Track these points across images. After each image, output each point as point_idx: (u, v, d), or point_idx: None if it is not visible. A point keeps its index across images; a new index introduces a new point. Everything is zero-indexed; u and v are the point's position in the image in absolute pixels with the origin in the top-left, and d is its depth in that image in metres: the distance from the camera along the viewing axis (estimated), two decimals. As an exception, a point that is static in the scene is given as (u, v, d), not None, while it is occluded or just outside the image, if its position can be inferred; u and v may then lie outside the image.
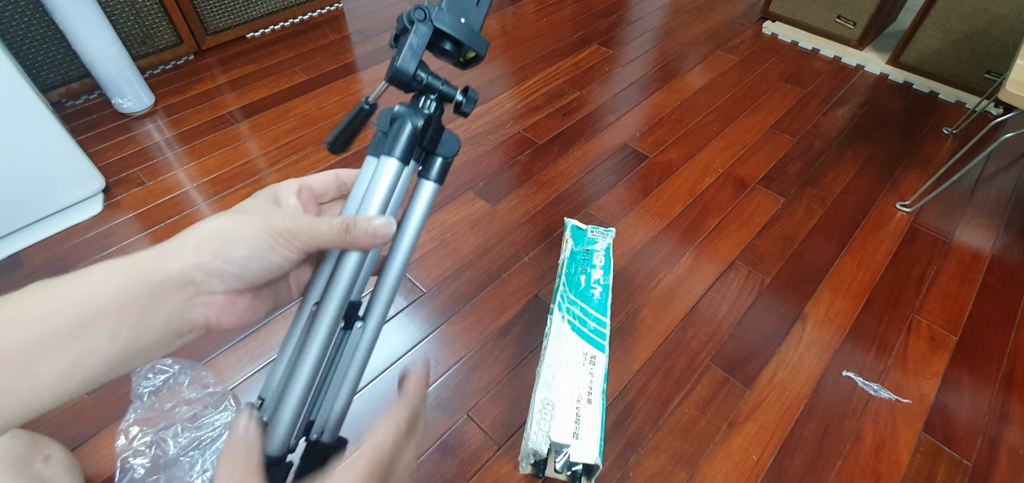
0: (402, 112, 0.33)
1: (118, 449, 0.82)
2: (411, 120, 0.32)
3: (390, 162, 0.31)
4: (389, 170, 0.31)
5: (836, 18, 1.88)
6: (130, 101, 1.51)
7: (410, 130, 0.32)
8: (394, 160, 0.31)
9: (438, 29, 0.32)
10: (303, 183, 0.32)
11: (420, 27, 0.32)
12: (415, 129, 0.32)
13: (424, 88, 0.34)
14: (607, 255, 1.03)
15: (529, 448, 0.76)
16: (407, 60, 0.32)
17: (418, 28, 0.32)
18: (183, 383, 0.90)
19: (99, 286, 0.24)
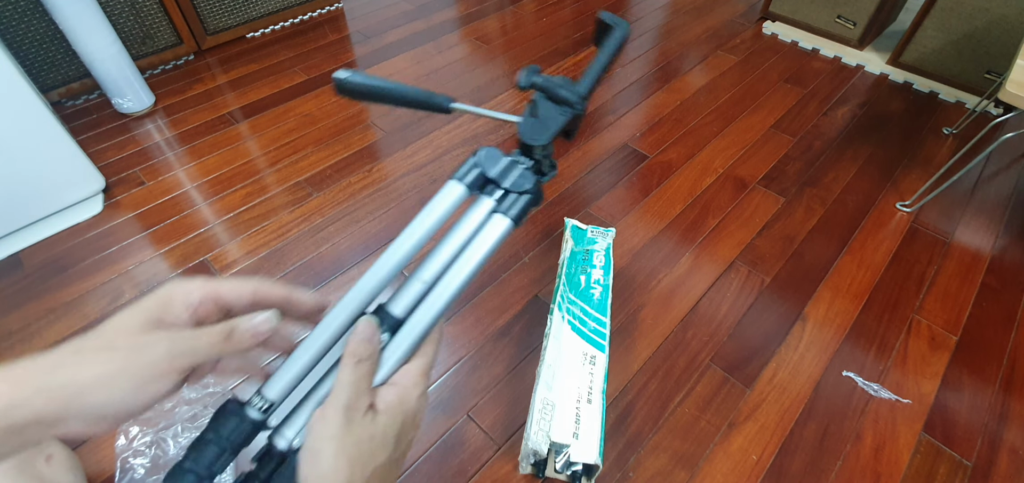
0: (522, 174, 0.34)
1: (118, 449, 0.82)
2: (531, 184, 0.34)
3: (504, 222, 0.32)
4: (500, 227, 0.32)
5: (836, 18, 1.88)
6: (130, 101, 1.51)
7: (530, 201, 0.33)
8: (507, 220, 0.32)
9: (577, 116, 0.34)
10: (209, 293, 0.28)
11: (570, 114, 0.34)
12: (531, 199, 0.34)
13: (540, 156, 0.35)
14: (607, 255, 1.03)
15: (529, 448, 0.76)
16: (545, 135, 0.34)
17: (566, 112, 0.34)
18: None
19: None
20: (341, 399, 0.27)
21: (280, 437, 0.30)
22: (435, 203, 0.33)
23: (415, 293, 0.31)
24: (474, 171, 0.34)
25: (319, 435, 0.27)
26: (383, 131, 1.50)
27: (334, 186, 1.33)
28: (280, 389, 0.29)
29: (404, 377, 0.30)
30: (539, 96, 0.34)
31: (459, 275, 0.31)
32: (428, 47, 1.86)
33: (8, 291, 1.09)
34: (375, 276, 0.31)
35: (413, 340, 0.30)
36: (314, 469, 0.26)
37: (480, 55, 1.84)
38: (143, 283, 1.11)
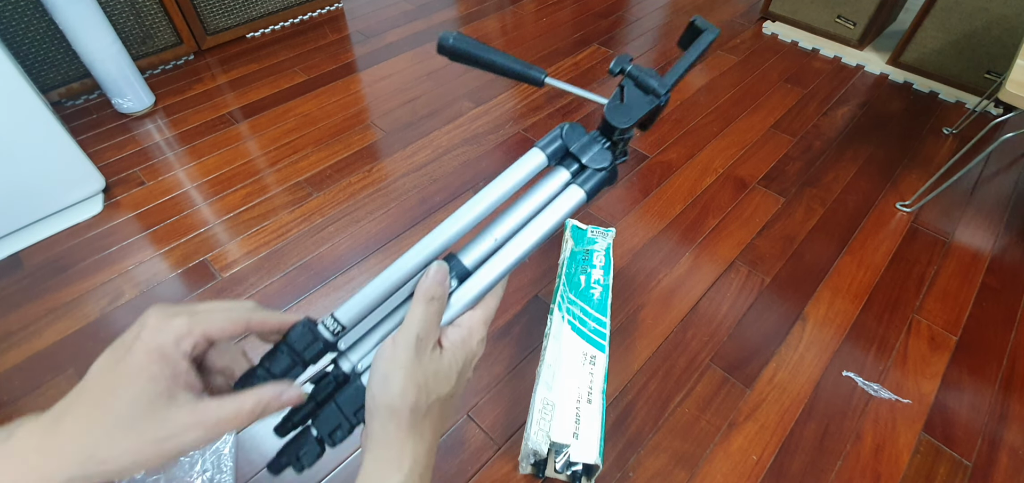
0: (596, 152, 0.36)
1: None
2: (608, 162, 0.35)
3: (578, 193, 0.34)
4: (574, 198, 0.34)
5: (836, 18, 1.88)
6: (130, 101, 1.51)
7: (605, 178, 0.35)
8: (581, 192, 0.34)
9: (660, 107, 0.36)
10: (199, 336, 0.26)
11: (654, 104, 0.35)
12: (606, 176, 0.35)
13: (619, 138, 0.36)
14: (607, 255, 1.03)
15: (529, 448, 0.76)
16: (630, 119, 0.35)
17: (652, 101, 0.35)
18: None
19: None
20: (413, 331, 0.29)
21: (345, 360, 0.32)
22: (517, 167, 0.34)
23: (486, 248, 0.33)
24: (556, 143, 0.35)
25: (391, 360, 0.29)
26: (383, 131, 1.50)
27: (334, 186, 1.33)
28: (352, 315, 0.31)
29: (468, 320, 0.33)
30: (627, 82, 0.36)
31: (529, 238, 0.33)
32: (428, 47, 1.86)
33: (8, 291, 1.09)
34: (452, 227, 0.33)
35: (479, 291, 0.33)
36: (384, 392, 0.29)
37: (480, 55, 1.84)
38: (143, 283, 1.11)
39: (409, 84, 1.68)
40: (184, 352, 0.25)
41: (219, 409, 0.26)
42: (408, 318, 0.30)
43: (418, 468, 0.30)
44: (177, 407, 0.24)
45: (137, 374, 0.24)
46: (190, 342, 0.26)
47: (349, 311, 0.31)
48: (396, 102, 1.61)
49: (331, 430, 0.31)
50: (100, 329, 1.02)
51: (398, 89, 1.66)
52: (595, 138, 0.36)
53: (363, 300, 0.32)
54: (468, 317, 0.33)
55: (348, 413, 0.31)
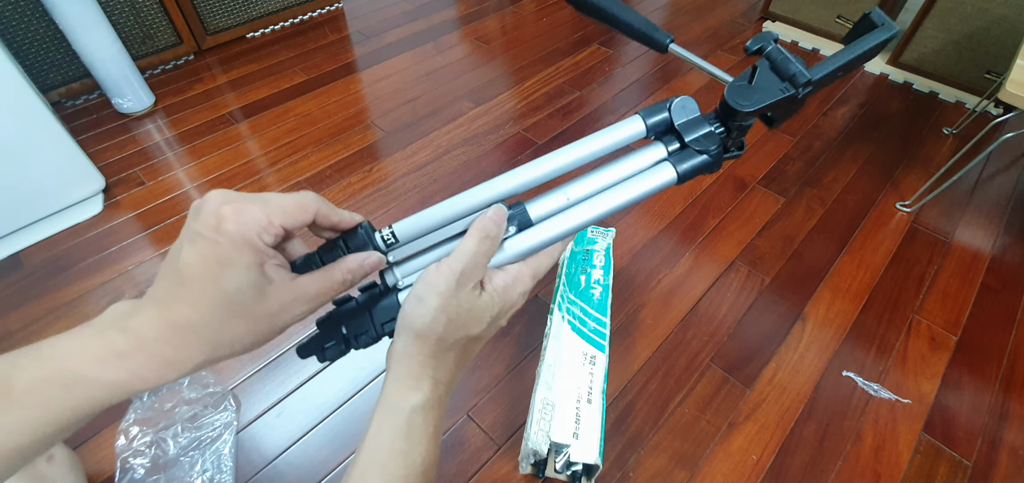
0: (708, 131, 0.32)
1: (118, 449, 0.82)
2: (714, 148, 0.32)
3: (670, 172, 0.31)
4: (665, 176, 0.32)
5: (836, 18, 1.88)
6: (130, 101, 1.51)
7: (705, 163, 0.32)
8: (673, 172, 0.31)
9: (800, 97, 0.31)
10: (276, 222, 0.26)
11: (789, 92, 0.30)
12: (707, 161, 0.32)
13: (737, 126, 0.33)
14: (607, 255, 1.03)
15: (529, 448, 0.76)
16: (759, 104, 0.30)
17: (787, 89, 0.30)
18: (183, 383, 0.90)
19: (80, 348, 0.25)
20: (459, 263, 0.29)
21: (390, 273, 0.33)
22: (611, 130, 0.32)
23: (555, 204, 0.32)
24: (661, 114, 0.33)
25: (430, 285, 0.29)
26: (383, 131, 1.50)
27: (334, 186, 1.33)
28: (408, 231, 0.31)
29: (516, 269, 0.32)
30: (763, 64, 0.31)
31: (601, 206, 0.31)
32: (428, 47, 1.86)
33: (8, 291, 1.09)
34: (527, 173, 0.32)
35: (536, 244, 0.32)
36: (416, 312, 0.29)
37: (480, 55, 1.84)
38: (143, 283, 1.11)
39: (409, 84, 1.68)
40: (267, 242, 0.26)
41: (314, 282, 0.28)
42: (458, 249, 0.30)
43: (437, 393, 0.31)
44: (277, 286, 0.26)
45: (233, 262, 0.24)
46: (271, 233, 0.26)
47: (406, 227, 0.32)
48: (396, 102, 1.61)
49: (358, 333, 0.32)
50: (100, 329, 1.02)
51: (398, 89, 1.66)
52: (707, 119, 0.32)
53: (422, 220, 0.32)
54: (517, 267, 0.32)
55: (377, 323, 0.32)
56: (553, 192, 0.32)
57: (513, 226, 0.32)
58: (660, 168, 0.32)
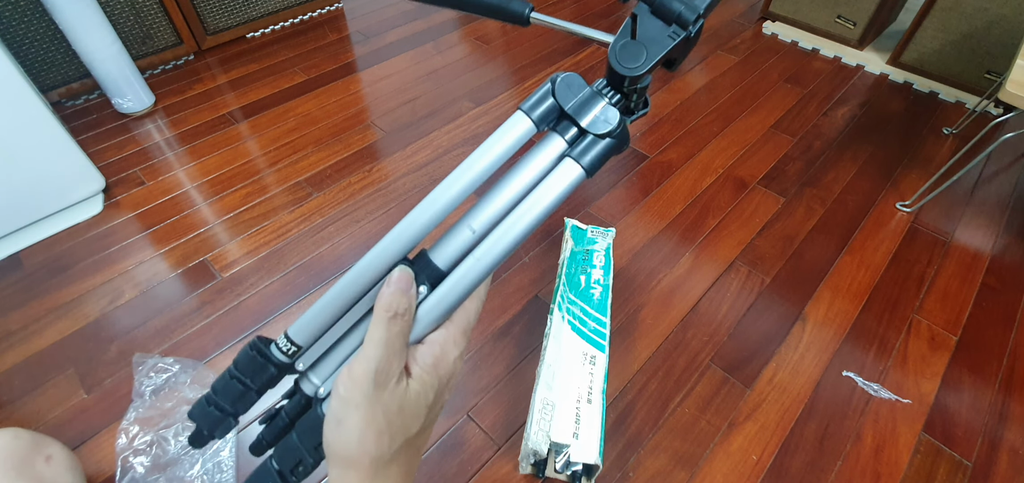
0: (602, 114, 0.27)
1: (118, 448, 0.82)
2: (615, 125, 0.27)
3: (576, 169, 0.27)
4: (571, 176, 0.27)
5: (836, 18, 1.88)
6: (130, 101, 1.51)
7: (611, 147, 0.27)
8: (579, 169, 0.27)
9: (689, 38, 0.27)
10: None
11: (681, 36, 0.26)
12: (612, 144, 0.27)
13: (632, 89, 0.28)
14: (607, 255, 1.03)
15: (529, 448, 0.76)
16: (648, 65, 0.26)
17: (677, 33, 0.26)
18: (184, 382, 0.90)
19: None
20: (372, 360, 0.24)
21: (307, 382, 0.28)
22: (496, 138, 0.27)
23: (462, 242, 0.27)
24: (546, 102, 0.27)
25: (345, 400, 0.24)
26: (383, 131, 1.50)
27: (334, 186, 1.33)
28: (308, 334, 0.27)
29: (442, 336, 0.27)
30: (641, 10, 0.27)
31: (514, 228, 0.26)
32: (428, 47, 1.86)
33: (8, 291, 1.09)
34: (418, 219, 0.27)
35: (456, 297, 0.27)
36: (339, 438, 0.25)
37: (480, 55, 1.84)
38: (143, 283, 1.11)
39: (409, 84, 1.68)
40: None
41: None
42: (366, 343, 0.25)
43: None
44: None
45: None
46: None
47: (304, 329, 0.27)
48: (396, 102, 1.61)
49: (292, 466, 0.27)
50: (100, 329, 1.02)
51: (398, 89, 1.66)
52: (598, 92, 0.28)
53: (318, 315, 0.27)
54: (442, 332, 0.27)
55: (308, 447, 0.27)
56: (456, 229, 0.28)
57: (423, 285, 0.27)
58: (563, 166, 0.27)
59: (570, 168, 0.27)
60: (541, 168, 0.27)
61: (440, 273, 0.27)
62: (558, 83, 0.28)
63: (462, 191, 0.27)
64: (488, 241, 0.27)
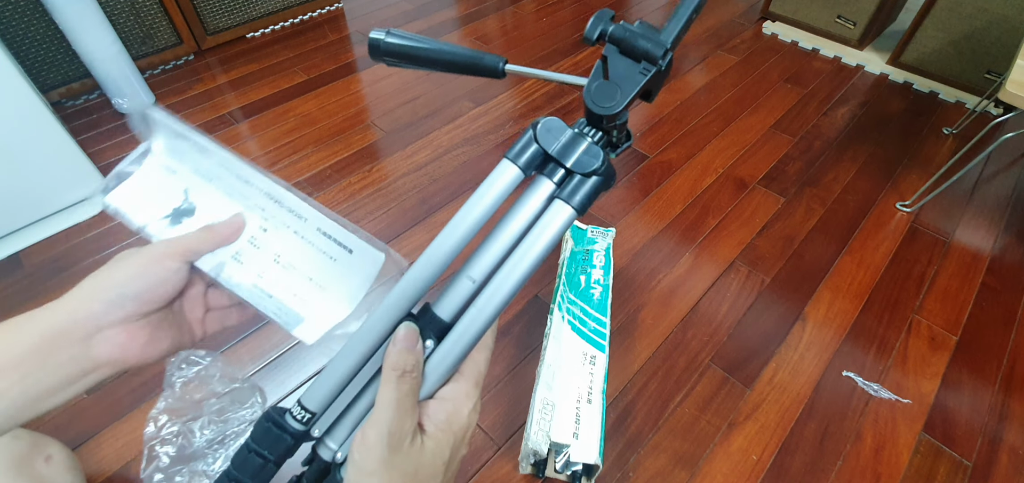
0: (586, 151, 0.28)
1: (146, 436, 0.83)
2: (599, 163, 0.28)
3: (566, 210, 0.27)
4: (562, 217, 0.27)
5: (836, 18, 1.88)
6: (130, 101, 1.51)
7: (598, 185, 0.28)
8: (569, 209, 0.27)
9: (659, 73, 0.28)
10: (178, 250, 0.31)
11: (652, 72, 0.27)
12: (599, 182, 0.28)
13: (611, 126, 0.29)
14: (607, 255, 1.03)
15: (529, 448, 0.76)
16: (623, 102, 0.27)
17: (647, 70, 0.27)
18: (214, 376, 0.90)
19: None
20: (384, 423, 0.24)
21: (324, 448, 0.28)
22: (485, 188, 0.28)
23: (463, 293, 0.28)
24: (530, 148, 0.28)
25: (362, 468, 0.24)
26: (383, 131, 1.50)
27: (334, 186, 1.33)
28: (320, 400, 0.27)
29: (454, 391, 0.27)
30: (611, 51, 0.28)
31: (513, 273, 0.27)
32: (428, 47, 1.86)
33: (8, 291, 1.09)
34: (419, 275, 0.27)
35: (463, 348, 0.27)
36: None
37: (480, 55, 1.84)
38: (143, 283, 1.10)
39: (409, 84, 1.68)
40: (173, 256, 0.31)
41: (183, 235, 0.32)
42: (376, 405, 0.25)
43: None
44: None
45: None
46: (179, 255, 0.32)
47: (315, 395, 0.27)
48: (396, 102, 1.61)
49: None
50: (100, 329, 1.02)
51: (398, 89, 1.66)
52: (580, 133, 0.28)
53: (328, 380, 0.27)
54: (453, 386, 0.27)
55: None
56: (456, 280, 0.28)
57: (430, 339, 0.27)
58: (554, 209, 0.27)
59: (561, 210, 0.27)
60: (533, 211, 0.28)
61: (445, 325, 0.28)
62: (539, 129, 0.28)
63: (458, 243, 0.28)
64: (489, 289, 0.27)
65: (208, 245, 0.31)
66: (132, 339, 0.28)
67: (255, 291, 0.33)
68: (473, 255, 0.28)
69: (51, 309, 0.27)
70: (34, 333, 0.26)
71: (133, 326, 0.29)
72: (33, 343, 0.26)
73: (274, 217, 0.34)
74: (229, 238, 0.32)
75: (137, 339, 0.29)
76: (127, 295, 0.28)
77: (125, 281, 0.28)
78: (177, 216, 0.34)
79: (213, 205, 0.34)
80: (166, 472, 0.80)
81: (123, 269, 0.28)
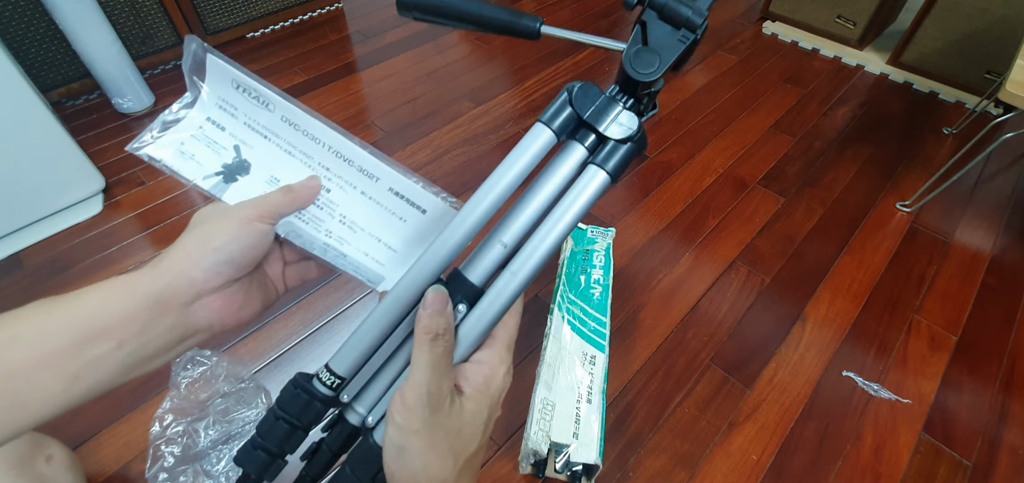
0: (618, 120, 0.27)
1: (152, 436, 0.83)
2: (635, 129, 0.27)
3: (601, 175, 0.27)
4: (596, 182, 0.27)
5: (836, 18, 1.88)
6: (130, 101, 1.51)
7: (632, 150, 0.28)
8: (604, 174, 0.27)
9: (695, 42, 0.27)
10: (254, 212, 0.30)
11: (690, 39, 0.27)
12: (633, 148, 0.28)
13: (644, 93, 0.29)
14: (607, 255, 1.03)
15: (529, 448, 0.76)
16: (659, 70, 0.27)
17: (686, 37, 0.27)
18: (219, 375, 0.90)
19: (98, 306, 0.25)
20: (423, 385, 0.24)
21: (352, 413, 0.28)
22: (518, 152, 0.28)
23: (495, 257, 0.28)
24: (564, 112, 0.28)
25: (404, 428, 0.24)
26: (383, 131, 1.50)
27: (334, 186, 1.33)
28: (349, 364, 0.27)
29: (488, 355, 0.27)
30: (650, 16, 0.27)
31: (547, 238, 0.27)
32: (428, 47, 1.86)
33: (8, 291, 1.09)
34: (449, 240, 0.27)
35: (496, 312, 0.27)
36: (404, 465, 0.25)
37: (480, 55, 1.84)
38: (143, 283, 1.11)
39: (409, 84, 1.68)
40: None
41: (267, 194, 0.31)
42: (412, 369, 0.25)
43: None
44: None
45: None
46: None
47: (345, 360, 0.27)
48: (396, 102, 1.61)
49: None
50: (100, 329, 1.02)
51: (398, 89, 1.66)
52: (613, 98, 0.28)
53: (359, 345, 0.27)
54: (488, 351, 0.27)
55: (363, 477, 0.27)
56: (487, 244, 0.28)
57: (462, 303, 0.27)
58: (588, 174, 0.27)
59: (595, 174, 0.27)
60: (564, 176, 0.28)
61: (476, 290, 0.27)
62: (575, 92, 0.28)
63: (490, 207, 0.27)
64: (523, 254, 0.27)
65: (290, 207, 0.31)
66: (229, 304, 0.29)
67: (328, 249, 0.33)
68: (504, 219, 0.28)
69: (152, 273, 0.26)
70: (137, 297, 0.25)
71: (229, 292, 0.29)
72: (135, 307, 0.25)
73: (340, 176, 0.33)
74: (309, 200, 0.32)
75: (233, 303, 0.29)
76: (223, 260, 0.28)
77: (221, 246, 0.28)
78: (230, 174, 0.32)
79: (270, 163, 0.32)
80: (171, 472, 0.80)
81: (217, 234, 0.28)
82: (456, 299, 0.27)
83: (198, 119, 0.32)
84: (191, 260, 0.27)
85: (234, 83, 0.31)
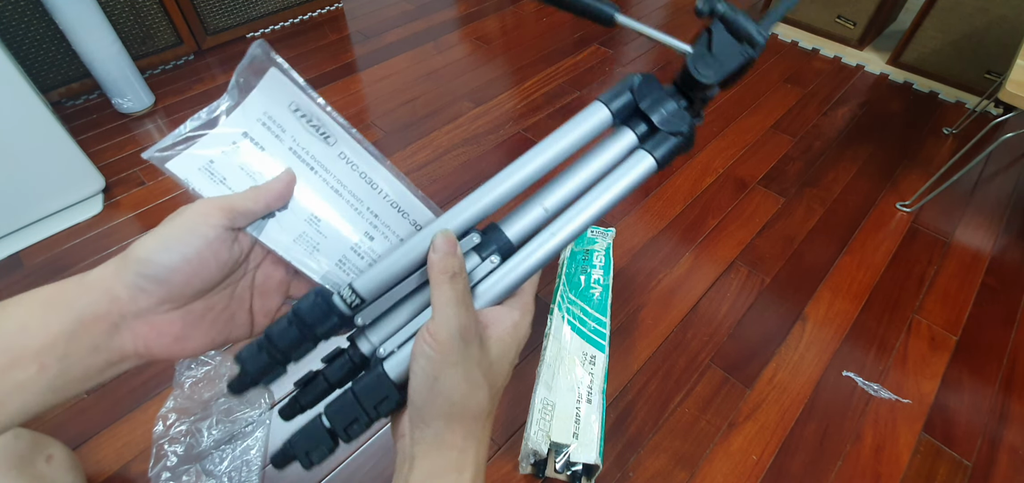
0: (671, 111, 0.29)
1: (155, 435, 0.83)
2: (686, 126, 0.29)
3: (648, 160, 0.28)
4: (643, 166, 0.29)
5: (836, 18, 1.88)
6: (130, 101, 1.51)
7: (680, 144, 0.29)
8: (651, 160, 0.28)
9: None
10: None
11: (749, 55, 0.28)
12: (681, 143, 0.29)
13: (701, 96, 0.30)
14: (607, 255, 1.03)
15: (529, 448, 0.76)
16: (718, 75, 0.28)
17: (746, 52, 0.28)
18: (223, 375, 0.90)
19: (19, 326, 0.22)
20: (453, 319, 0.25)
21: (364, 340, 0.28)
22: (574, 124, 0.29)
23: (534, 219, 0.28)
24: (624, 97, 0.29)
25: (437, 360, 0.24)
26: (383, 131, 1.50)
27: (334, 186, 1.33)
28: (374, 286, 0.27)
29: (516, 302, 0.29)
30: (717, 27, 0.29)
31: (589, 209, 0.28)
32: (428, 47, 1.86)
33: (8, 291, 1.09)
34: (493, 190, 0.28)
35: (527, 269, 0.28)
36: (438, 394, 0.25)
37: (480, 55, 1.84)
38: (143, 283, 1.11)
39: (409, 84, 1.68)
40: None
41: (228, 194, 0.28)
42: (437, 307, 0.25)
43: (480, 475, 0.27)
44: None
45: None
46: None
47: (370, 282, 0.27)
48: (396, 102, 1.61)
49: (347, 424, 0.27)
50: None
51: (398, 89, 1.66)
52: (671, 94, 0.30)
53: (387, 270, 0.27)
54: (516, 300, 0.29)
55: (368, 405, 0.27)
56: (529, 205, 0.29)
57: (495, 255, 0.28)
58: (636, 157, 0.28)
59: (643, 158, 0.28)
60: (613, 157, 0.29)
61: (511, 246, 0.28)
62: (638, 83, 0.29)
63: (537, 170, 0.28)
64: (562, 219, 0.28)
65: (254, 203, 0.26)
66: (159, 334, 0.24)
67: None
68: (548, 186, 0.29)
69: (78, 286, 0.23)
70: (59, 315, 0.23)
71: (162, 317, 0.24)
72: (57, 328, 0.22)
73: (388, 227, 0.30)
74: (281, 196, 0.27)
75: (165, 333, 0.25)
76: (147, 276, 0.23)
77: (146, 258, 0.23)
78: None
79: (313, 201, 0.28)
80: (174, 471, 0.80)
81: (151, 239, 0.24)
82: (489, 249, 0.28)
83: (233, 133, 0.28)
84: (117, 273, 0.23)
85: (292, 106, 0.28)
